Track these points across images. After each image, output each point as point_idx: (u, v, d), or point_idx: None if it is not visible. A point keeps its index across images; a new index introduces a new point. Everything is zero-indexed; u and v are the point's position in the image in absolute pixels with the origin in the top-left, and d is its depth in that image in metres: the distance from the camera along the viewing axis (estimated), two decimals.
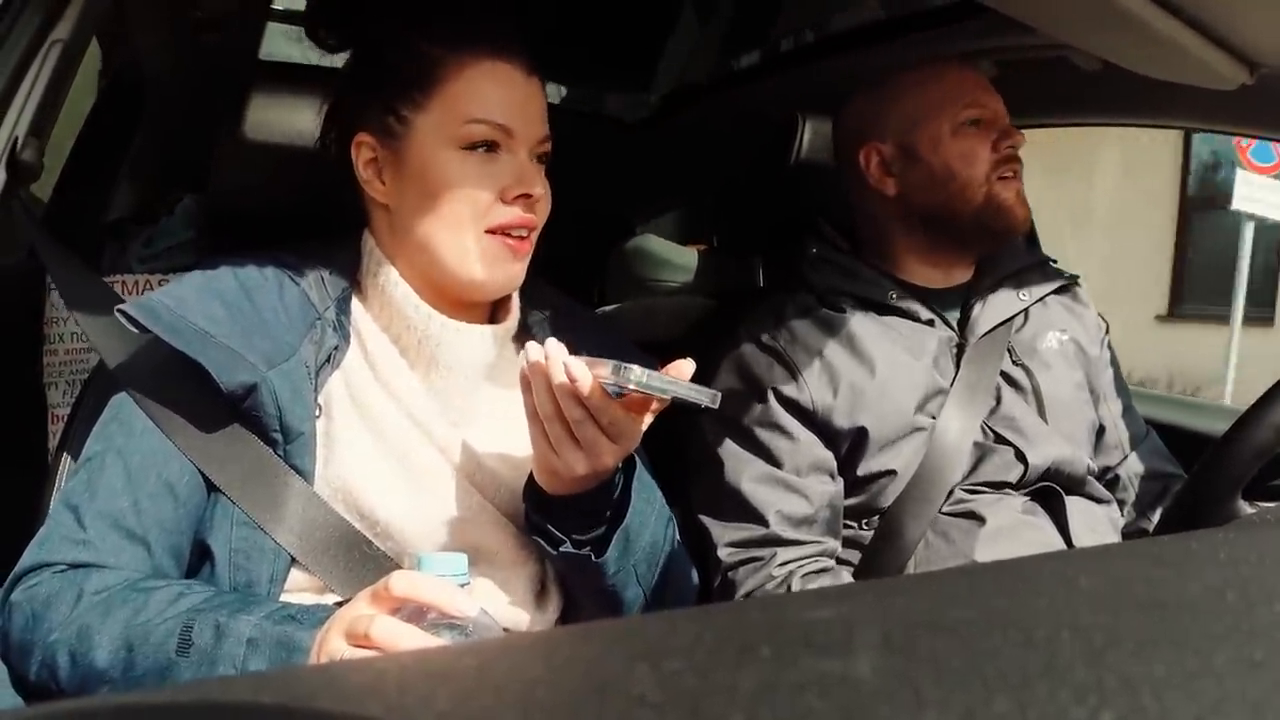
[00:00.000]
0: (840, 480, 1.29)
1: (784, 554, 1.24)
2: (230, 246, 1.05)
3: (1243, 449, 1.14)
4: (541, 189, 1.01)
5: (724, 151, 1.93)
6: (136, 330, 0.90)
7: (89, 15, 1.03)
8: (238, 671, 0.79)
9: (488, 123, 0.99)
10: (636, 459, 0.97)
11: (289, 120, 1.12)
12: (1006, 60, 1.53)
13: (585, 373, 0.85)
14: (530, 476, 0.96)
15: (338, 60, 1.09)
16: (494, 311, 1.09)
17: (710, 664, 0.30)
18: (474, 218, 0.98)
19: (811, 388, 1.28)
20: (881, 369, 1.29)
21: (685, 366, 0.86)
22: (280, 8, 1.82)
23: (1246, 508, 1.18)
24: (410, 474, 0.97)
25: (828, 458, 1.28)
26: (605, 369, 0.85)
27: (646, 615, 0.37)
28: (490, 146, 0.99)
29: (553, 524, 0.95)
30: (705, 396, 0.85)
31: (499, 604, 0.98)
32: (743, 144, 1.78)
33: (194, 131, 1.35)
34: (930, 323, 1.33)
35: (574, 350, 0.93)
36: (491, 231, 0.99)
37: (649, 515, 1.02)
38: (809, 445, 1.28)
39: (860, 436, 1.27)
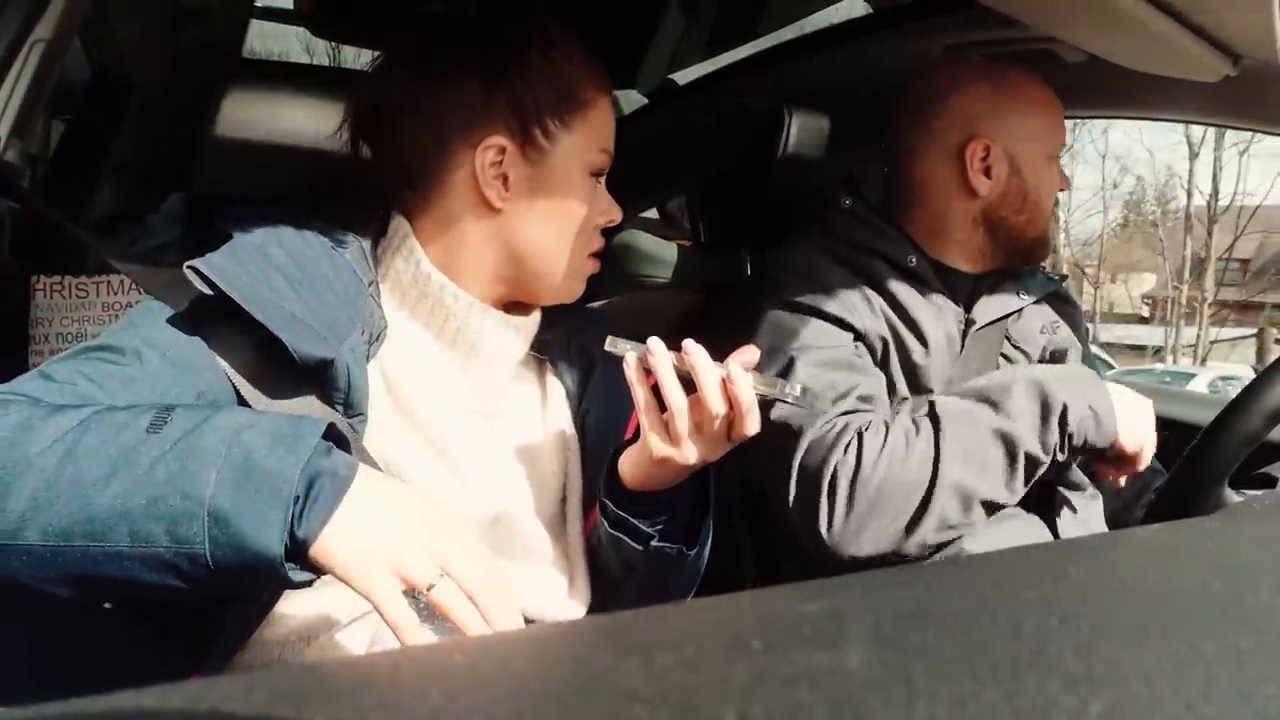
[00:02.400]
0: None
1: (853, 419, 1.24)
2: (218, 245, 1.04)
3: (1229, 438, 1.15)
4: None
5: (710, 146, 1.93)
6: (210, 291, 0.84)
7: (72, 13, 1.02)
8: (218, 461, 0.70)
9: (609, 152, 1.05)
10: None
11: (274, 118, 1.11)
12: (991, 53, 1.53)
13: (746, 379, 0.88)
14: (610, 473, 0.98)
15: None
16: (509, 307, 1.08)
17: (701, 658, 0.30)
18: (587, 240, 1.05)
19: (861, 315, 1.30)
20: (911, 320, 1.32)
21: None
22: (262, 4, 1.81)
23: (1233, 496, 1.19)
24: (450, 463, 0.97)
25: (879, 374, 1.31)
26: (760, 378, 0.90)
27: (637, 610, 0.37)
28: (601, 174, 1.05)
29: (640, 519, 0.97)
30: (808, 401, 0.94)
31: (531, 598, 0.98)
32: (729, 138, 1.78)
33: (179, 130, 1.34)
34: (941, 294, 1.36)
35: (590, 356, 1.06)
36: (593, 255, 1.06)
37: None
38: (866, 360, 1.30)
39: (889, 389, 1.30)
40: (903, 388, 1.30)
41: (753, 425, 0.90)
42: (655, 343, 0.90)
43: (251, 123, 1.11)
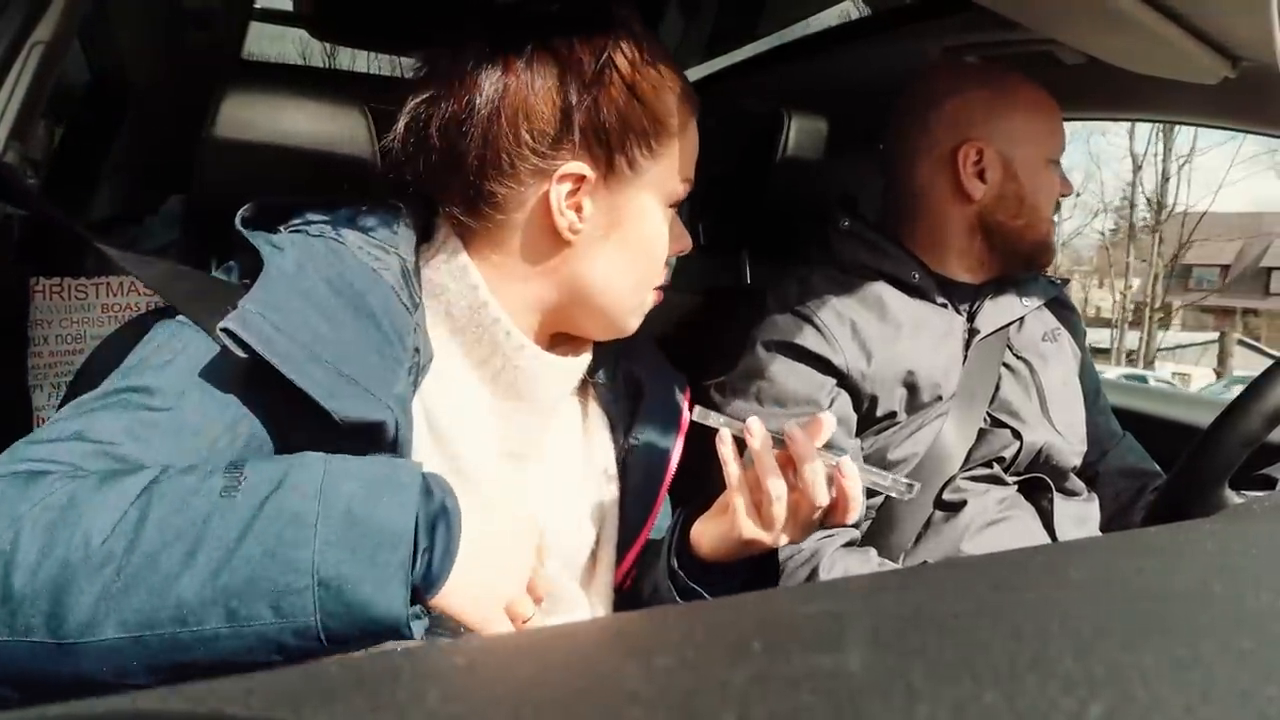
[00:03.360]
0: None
1: None
2: (216, 247, 1.04)
3: (1230, 439, 1.15)
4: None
5: (709, 148, 1.93)
6: (245, 355, 0.73)
7: (71, 15, 1.02)
8: (314, 520, 0.63)
9: (691, 182, 0.96)
10: None
11: (273, 120, 1.11)
12: (991, 55, 1.53)
13: (857, 473, 0.86)
14: (682, 541, 0.95)
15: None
16: (555, 338, 1.00)
17: (701, 660, 0.30)
18: (656, 274, 0.96)
19: (845, 351, 1.29)
20: (910, 334, 1.31)
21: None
22: (260, 7, 1.81)
23: (1234, 498, 1.19)
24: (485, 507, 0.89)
25: (852, 416, 1.30)
26: (865, 469, 0.88)
27: (636, 612, 0.37)
28: (678, 205, 0.97)
29: (708, 587, 0.94)
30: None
31: None
32: (728, 140, 1.77)
33: (178, 132, 1.34)
34: (944, 306, 1.36)
35: (638, 382, 1.01)
36: (657, 288, 0.98)
37: None
38: (841, 404, 1.29)
39: (888, 415, 1.30)
40: (911, 404, 1.30)
41: (854, 516, 0.86)
42: (755, 424, 0.86)
43: (251, 124, 1.11)
